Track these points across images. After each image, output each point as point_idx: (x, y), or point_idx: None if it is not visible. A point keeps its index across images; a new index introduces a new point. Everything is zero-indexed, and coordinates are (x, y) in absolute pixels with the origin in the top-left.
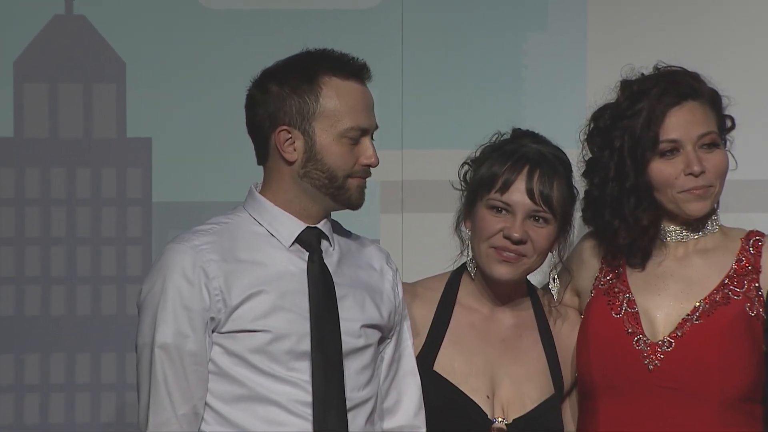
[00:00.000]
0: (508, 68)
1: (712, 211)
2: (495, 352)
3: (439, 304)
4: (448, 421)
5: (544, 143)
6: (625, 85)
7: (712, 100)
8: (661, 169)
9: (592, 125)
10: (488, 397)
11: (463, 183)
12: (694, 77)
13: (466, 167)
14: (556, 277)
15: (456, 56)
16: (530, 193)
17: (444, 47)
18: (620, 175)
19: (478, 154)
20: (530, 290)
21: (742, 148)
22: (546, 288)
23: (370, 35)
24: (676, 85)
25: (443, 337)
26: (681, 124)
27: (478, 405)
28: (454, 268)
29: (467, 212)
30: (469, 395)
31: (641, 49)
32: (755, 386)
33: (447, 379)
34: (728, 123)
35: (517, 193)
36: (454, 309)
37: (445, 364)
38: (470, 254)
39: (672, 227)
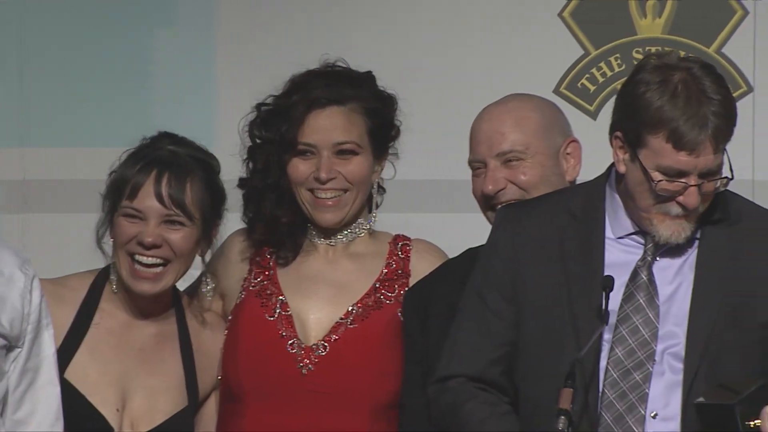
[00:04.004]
0: (136, 64)
1: (359, 215)
2: (131, 362)
3: (81, 307)
4: None
5: (183, 145)
6: (290, 80)
7: (365, 106)
8: (296, 166)
9: (255, 115)
10: (118, 410)
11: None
12: (354, 81)
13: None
14: (208, 279)
15: (82, 51)
16: (159, 197)
17: (69, 42)
18: (265, 170)
19: (122, 160)
20: (175, 297)
21: (422, 148)
22: (191, 292)
23: None
24: (326, 88)
25: (80, 343)
26: (318, 129)
27: (105, 419)
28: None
29: (109, 222)
30: (98, 407)
31: (272, 44)
32: None
33: (77, 389)
34: (391, 131)
35: (147, 198)
36: (95, 313)
37: (78, 373)
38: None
39: (318, 229)
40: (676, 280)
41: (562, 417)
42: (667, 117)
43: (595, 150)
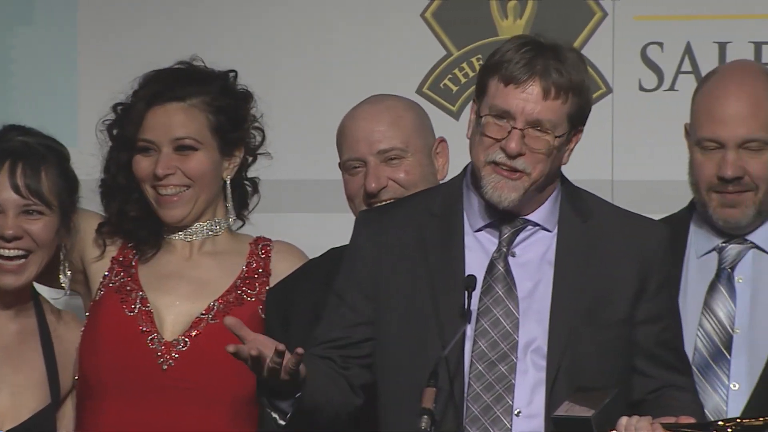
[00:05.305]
0: None
1: (213, 212)
2: None
3: None
4: None
5: (32, 134)
6: (139, 78)
7: (209, 103)
8: (138, 163)
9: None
10: None
11: None
12: (199, 78)
13: None
14: (66, 268)
15: None
16: (16, 188)
17: None
18: (116, 168)
19: None
20: (34, 293)
21: (284, 148)
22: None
23: None
24: (167, 85)
25: None
26: (157, 125)
27: None
28: None
29: None
30: None
31: (134, 43)
32: None
33: None
34: (240, 128)
35: (3, 191)
36: None
37: None
38: None
39: (169, 226)
40: (535, 276)
41: (425, 416)
42: (507, 59)
43: (457, 150)
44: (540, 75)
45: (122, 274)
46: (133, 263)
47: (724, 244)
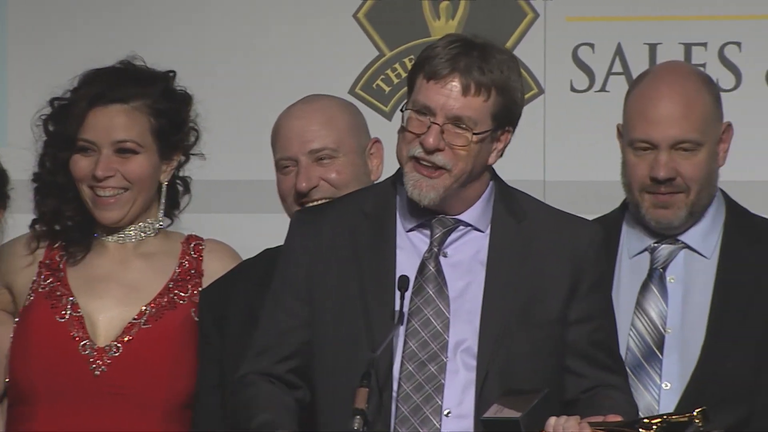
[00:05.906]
0: None
1: (148, 214)
2: None
3: None
4: None
5: None
6: (80, 76)
7: (151, 105)
8: (77, 162)
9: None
10: None
11: None
12: (142, 80)
13: None
14: None
15: None
16: None
17: None
18: (52, 165)
19: None
20: None
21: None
22: None
23: None
24: (110, 85)
25: None
26: (98, 126)
27: None
28: None
29: None
30: None
31: (64, 40)
32: None
33: None
34: (180, 131)
35: None
36: None
37: None
38: None
39: (103, 227)
40: (466, 276)
41: (358, 417)
42: (433, 55)
43: (390, 150)
44: (461, 72)
45: (51, 278)
46: (61, 266)
47: (656, 245)
